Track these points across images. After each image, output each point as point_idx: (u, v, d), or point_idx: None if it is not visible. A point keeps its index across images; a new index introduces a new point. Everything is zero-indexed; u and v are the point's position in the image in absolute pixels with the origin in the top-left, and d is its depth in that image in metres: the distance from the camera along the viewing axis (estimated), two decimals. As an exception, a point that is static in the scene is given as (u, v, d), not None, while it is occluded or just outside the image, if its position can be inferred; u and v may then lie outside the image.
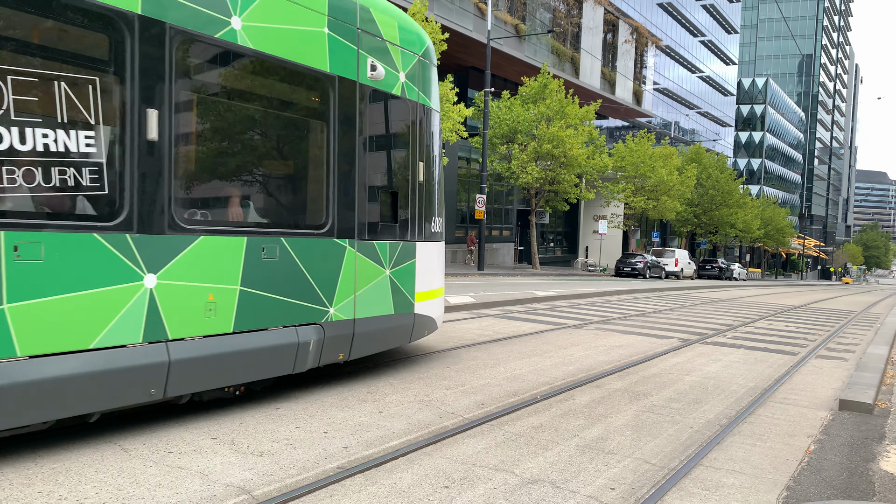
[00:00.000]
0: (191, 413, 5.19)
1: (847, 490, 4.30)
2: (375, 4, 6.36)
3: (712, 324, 13.70)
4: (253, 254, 5.14)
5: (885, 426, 5.96)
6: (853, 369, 8.58)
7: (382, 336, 6.64)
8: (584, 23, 43.51)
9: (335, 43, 5.82)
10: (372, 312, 6.35)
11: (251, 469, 4.10)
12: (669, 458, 4.73)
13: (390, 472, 4.16)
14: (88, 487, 3.72)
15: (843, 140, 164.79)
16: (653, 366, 8.34)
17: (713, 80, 77.91)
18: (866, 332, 13.85)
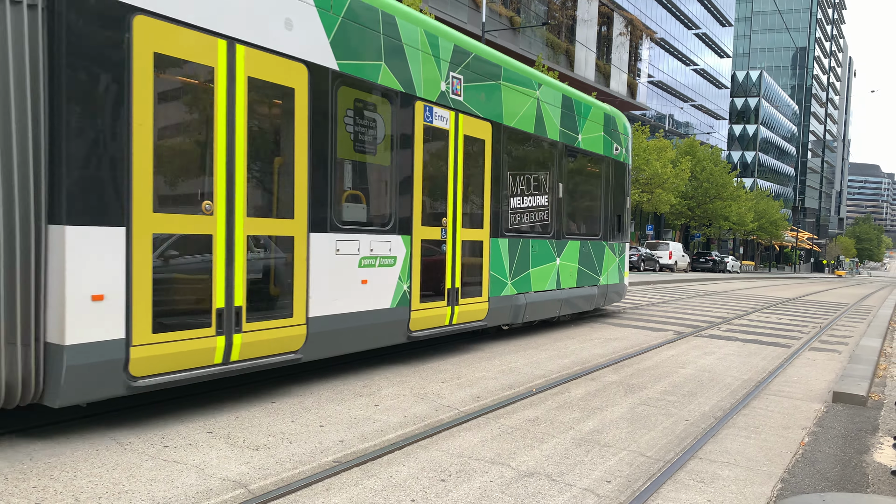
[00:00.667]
0: (186, 407, 5.18)
1: (841, 482, 4.33)
2: (617, 115, 12.17)
3: (706, 316, 13.73)
4: (582, 249, 10.84)
5: (878, 418, 5.99)
6: (846, 361, 8.62)
7: (615, 294, 12.26)
8: (578, 15, 43.41)
9: (606, 139, 11.62)
10: (611, 281, 11.95)
11: (247, 463, 4.09)
12: (665, 451, 4.74)
13: (386, 466, 4.16)
14: (84, 482, 3.71)
15: (837, 133, 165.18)
16: (648, 358, 8.36)
17: (707, 73, 77.91)
18: (859, 325, 13.91)
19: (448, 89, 7.57)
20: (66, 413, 4.81)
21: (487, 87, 8.28)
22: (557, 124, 9.93)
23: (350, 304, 6.25)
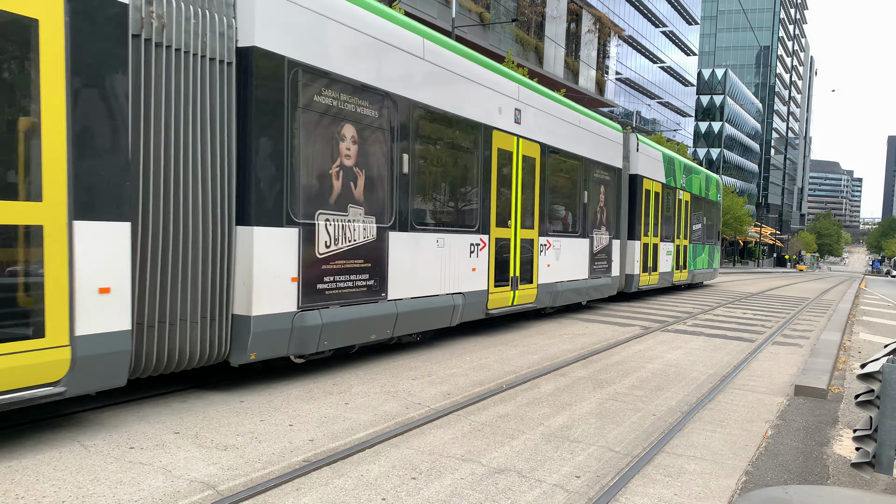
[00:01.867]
0: (153, 407, 5.10)
1: (803, 474, 4.43)
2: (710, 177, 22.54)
3: (673, 311, 13.94)
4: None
5: (838, 411, 6.15)
6: (808, 355, 8.82)
7: (704, 278, 21.87)
8: (548, 12, 43.64)
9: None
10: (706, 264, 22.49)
11: (215, 463, 4.05)
12: (633, 446, 4.81)
13: (357, 465, 4.15)
14: (46, 486, 3.63)
15: (799, 131, 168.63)
16: (616, 353, 8.46)
17: (674, 71, 78.96)
18: (820, 319, 14.25)
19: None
20: (33, 413, 4.71)
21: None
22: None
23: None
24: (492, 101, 9.33)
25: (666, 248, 17.58)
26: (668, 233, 17.80)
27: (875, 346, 10.33)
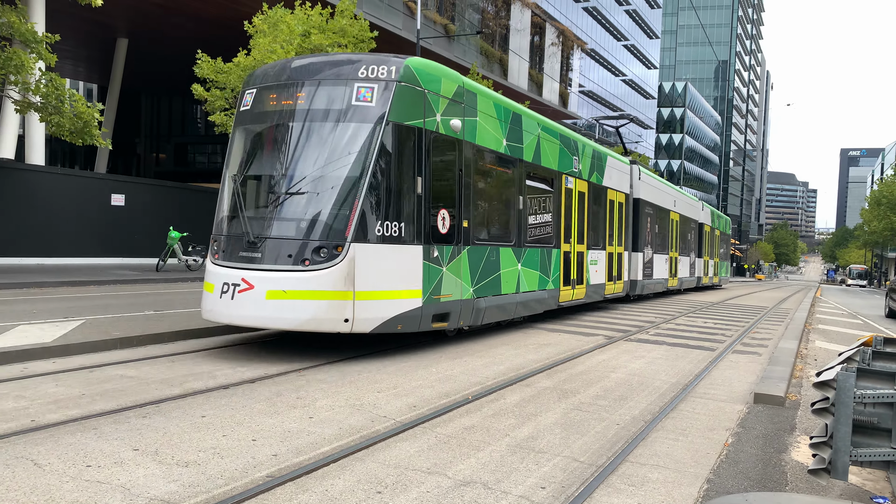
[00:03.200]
0: (111, 424, 4.98)
1: (762, 480, 4.52)
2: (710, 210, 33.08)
3: (636, 320, 14.12)
4: None
5: (795, 418, 6.29)
6: (766, 363, 9.01)
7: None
8: (512, 24, 44.10)
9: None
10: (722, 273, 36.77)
11: (176, 481, 3.96)
12: (597, 456, 4.85)
13: (321, 479, 4.10)
14: (-2, 507, 3.51)
15: (756, 143, 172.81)
16: (580, 363, 8.54)
17: (635, 84, 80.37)
18: (777, 327, 14.58)
19: None
20: None
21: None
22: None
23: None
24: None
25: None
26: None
27: (830, 354, 10.61)
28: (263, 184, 8.42)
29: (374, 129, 8.02)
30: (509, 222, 11.31)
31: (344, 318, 7.75)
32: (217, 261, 8.21)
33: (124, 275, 16.47)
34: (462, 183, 9.46)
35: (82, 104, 15.75)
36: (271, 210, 8.09)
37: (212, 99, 20.46)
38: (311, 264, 7.65)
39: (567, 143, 13.80)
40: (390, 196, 8.23)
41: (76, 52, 34.94)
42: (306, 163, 8.11)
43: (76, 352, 7.49)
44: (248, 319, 7.76)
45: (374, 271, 8.01)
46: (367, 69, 8.29)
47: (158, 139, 44.82)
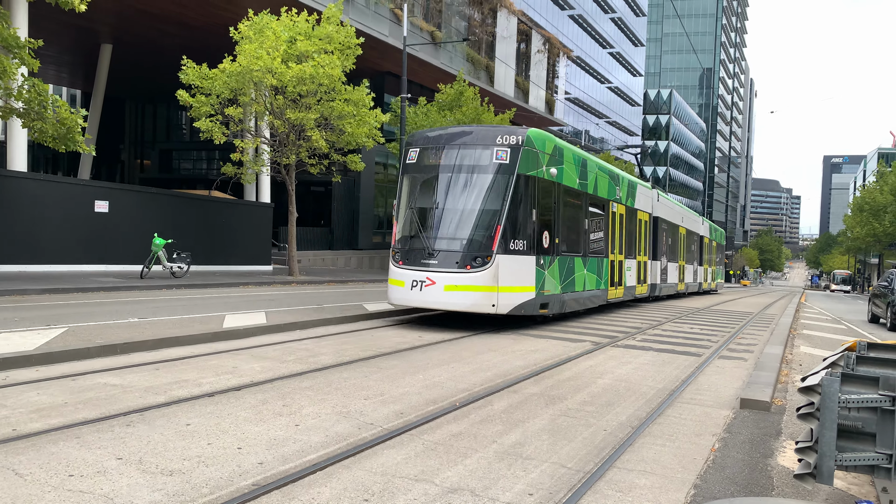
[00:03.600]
0: (94, 432, 4.92)
1: (749, 486, 4.53)
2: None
3: (623, 326, 14.17)
4: None
5: (781, 423, 6.33)
6: (752, 369, 9.06)
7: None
8: (498, 32, 44.26)
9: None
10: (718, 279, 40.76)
11: (160, 490, 3.92)
12: (585, 462, 4.84)
13: (308, 488, 4.07)
14: (-22, 518, 3.45)
15: (741, 150, 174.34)
16: (567, 369, 8.54)
17: (621, 91, 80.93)
18: (763, 333, 14.67)
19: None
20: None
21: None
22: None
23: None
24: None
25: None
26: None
27: (815, 359, 10.68)
28: (433, 214, 12.25)
29: (508, 179, 12.06)
30: (579, 239, 15.28)
31: (492, 304, 11.66)
32: (402, 266, 12.13)
33: (108, 282, 16.31)
34: (555, 211, 13.59)
35: (65, 110, 15.61)
36: (441, 232, 12.02)
37: (197, 105, 20.35)
38: (471, 269, 11.63)
39: (613, 177, 18.01)
40: (517, 223, 12.14)
41: (59, 57, 34.67)
42: (463, 200, 12.16)
43: (59, 360, 7.40)
44: (432, 304, 11.83)
45: (509, 273, 11.87)
46: (501, 137, 12.25)
47: (143, 145, 44.52)
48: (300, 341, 9.75)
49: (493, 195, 12.13)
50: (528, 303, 12.44)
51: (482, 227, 11.97)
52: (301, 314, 12.14)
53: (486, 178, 12.22)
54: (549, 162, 13.10)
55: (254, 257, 25.40)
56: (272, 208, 26.81)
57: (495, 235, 11.84)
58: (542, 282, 12.95)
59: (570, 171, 14.43)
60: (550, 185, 13.32)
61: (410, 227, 12.44)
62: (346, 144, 21.81)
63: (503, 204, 12.00)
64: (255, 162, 22.95)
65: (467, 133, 12.79)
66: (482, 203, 12.14)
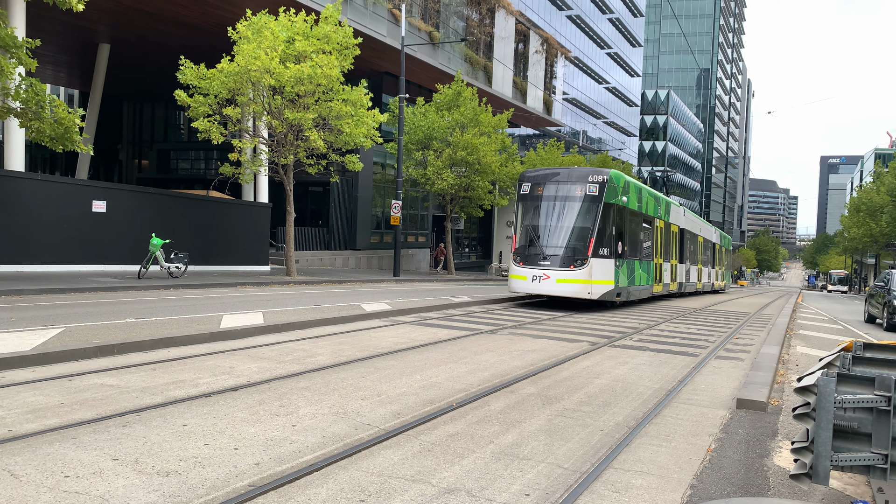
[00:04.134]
0: (91, 433, 4.91)
1: (745, 486, 4.54)
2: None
3: (620, 327, 14.18)
4: None
5: (777, 423, 6.34)
6: (749, 369, 9.07)
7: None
8: (496, 32, 44.26)
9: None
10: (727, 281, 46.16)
11: (156, 490, 3.91)
12: (581, 462, 4.85)
13: (304, 488, 4.07)
14: (-27, 519, 3.45)
15: (738, 150, 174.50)
16: (564, 369, 8.55)
17: (619, 91, 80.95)
18: (760, 333, 14.69)
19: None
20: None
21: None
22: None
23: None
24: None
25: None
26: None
27: (812, 359, 10.70)
28: (544, 229, 17.96)
29: (597, 205, 17.63)
30: (637, 247, 20.62)
31: (588, 292, 17.19)
32: (522, 266, 17.86)
33: (105, 282, 16.29)
34: (624, 227, 19.13)
35: (63, 110, 15.58)
36: (551, 242, 17.74)
37: (195, 105, 20.33)
38: (574, 268, 17.22)
39: (656, 199, 23.41)
40: (603, 236, 17.65)
41: (57, 57, 34.62)
42: (566, 220, 17.79)
43: (55, 360, 7.39)
44: (547, 292, 17.49)
45: (599, 271, 17.41)
46: (592, 176, 17.85)
47: (141, 145, 44.46)
48: (297, 341, 9.75)
49: (587, 217, 17.74)
50: (609, 292, 18.09)
51: (580, 238, 17.63)
52: (298, 314, 12.14)
53: (581, 205, 17.85)
54: (621, 192, 18.67)
55: (251, 257, 25.38)
56: (270, 208, 26.78)
57: (589, 245, 17.42)
58: (618, 277, 18.54)
59: (633, 198, 19.92)
60: (622, 209, 18.91)
61: (527, 239, 18.28)
62: (344, 144, 21.80)
63: (594, 223, 17.60)
64: (253, 162, 22.92)
65: (566, 172, 18.53)
66: (579, 222, 17.75)
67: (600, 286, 17.59)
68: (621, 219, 18.84)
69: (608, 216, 17.91)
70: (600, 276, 17.54)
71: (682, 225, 28.13)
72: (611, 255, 18.02)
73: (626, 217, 19.30)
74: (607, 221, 17.87)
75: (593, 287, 17.33)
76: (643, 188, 21.63)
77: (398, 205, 29.24)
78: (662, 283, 24.11)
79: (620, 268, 18.74)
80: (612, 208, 18.09)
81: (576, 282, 17.22)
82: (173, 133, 43.50)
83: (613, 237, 18.17)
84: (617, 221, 18.45)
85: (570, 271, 17.23)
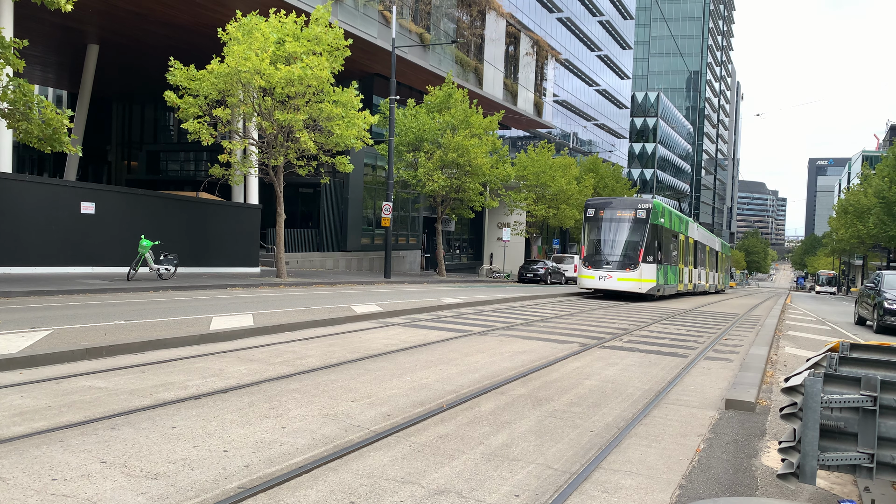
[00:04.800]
0: (79, 436, 4.88)
1: (733, 486, 4.57)
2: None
3: (609, 328, 14.23)
4: None
5: (765, 423, 6.38)
6: (737, 370, 9.13)
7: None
8: (487, 34, 44.33)
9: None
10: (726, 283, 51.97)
11: (145, 493, 3.90)
12: (571, 463, 4.86)
13: (294, 490, 4.06)
14: (-41, 523, 3.42)
15: (727, 152, 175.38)
16: (554, 371, 8.57)
17: (609, 94, 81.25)
18: (748, 334, 14.78)
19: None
20: None
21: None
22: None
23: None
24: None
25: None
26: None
27: (799, 360, 10.77)
28: (606, 241, 25.07)
29: (644, 225, 24.61)
30: (669, 255, 27.29)
31: (639, 288, 24.32)
32: (590, 269, 24.94)
33: (94, 284, 16.19)
34: (661, 241, 25.45)
35: (51, 110, 15.49)
36: (612, 251, 24.80)
37: (185, 106, 20.26)
38: (629, 270, 24.38)
39: (681, 218, 30.39)
40: (649, 247, 24.53)
41: (45, 57, 34.40)
42: (621, 235, 24.93)
43: (43, 363, 7.34)
44: (610, 287, 24.63)
45: (646, 273, 24.41)
46: (640, 204, 25.00)
47: (130, 147, 44.23)
48: (287, 343, 9.73)
49: (637, 233, 24.83)
50: (653, 288, 25.10)
51: (633, 249, 24.76)
52: (288, 316, 12.11)
53: (632, 225, 24.99)
54: (660, 216, 25.84)
55: (241, 259, 25.29)
56: (260, 210, 26.71)
57: (640, 254, 24.55)
58: (658, 278, 25.37)
59: (667, 219, 27.02)
60: (661, 227, 26.00)
61: (594, 249, 25.47)
62: (335, 146, 21.78)
63: (643, 238, 24.71)
64: (243, 163, 22.86)
65: (619, 201, 26.53)
66: (632, 237, 24.87)
67: (647, 284, 24.86)
68: (660, 235, 25.90)
69: (652, 233, 25.05)
70: (647, 276, 24.80)
71: (696, 237, 34.90)
72: (653, 261, 25.01)
73: (663, 233, 26.42)
74: (651, 236, 24.97)
75: (642, 284, 24.65)
76: (673, 211, 28.72)
77: (389, 206, 29.22)
78: (683, 283, 31.15)
79: (659, 271, 25.64)
80: (654, 227, 25.24)
81: (631, 280, 24.49)
82: (163, 134, 43.31)
83: (655, 248, 25.20)
84: (657, 237, 25.57)
85: (627, 272, 24.57)
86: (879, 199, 48.52)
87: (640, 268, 24.37)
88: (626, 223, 24.94)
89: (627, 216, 25.00)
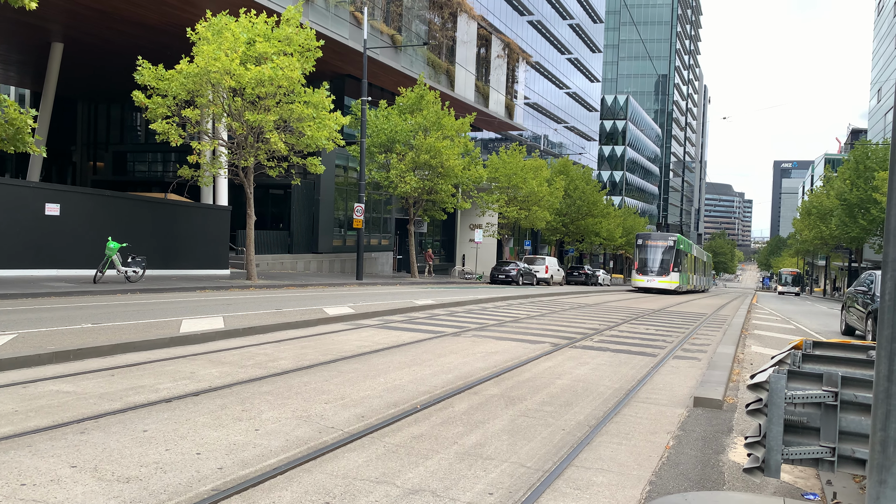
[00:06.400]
0: (48, 440, 4.81)
1: (701, 481, 4.67)
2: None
3: (580, 328, 14.38)
4: None
5: (732, 420, 6.52)
6: (705, 368, 9.30)
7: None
8: (458, 36, 44.46)
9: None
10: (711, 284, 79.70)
11: (116, 497, 3.86)
12: (544, 461, 4.93)
13: (268, 492, 4.06)
14: (-75, 530, 3.36)
15: (695, 155, 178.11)
16: (527, 370, 8.65)
17: (579, 96, 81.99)
18: (716, 333, 15.05)
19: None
20: None
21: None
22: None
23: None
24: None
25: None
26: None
27: (765, 358, 11.01)
28: (651, 259, 42.25)
29: (674, 249, 42.07)
30: (683, 266, 43.94)
31: (672, 287, 41.35)
32: (640, 275, 42.28)
33: (60, 287, 15.90)
34: (681, 258, 43.19)
35: (14, 110, 15.19)
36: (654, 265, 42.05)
37: (153, 107, 20.00)
38: (665, 276, 41.68)
39: (690, 244, 46.58)
40: (675, 263, 42.05)
41: (7, 55, 33.67)
42: (660, 255, 42.16)
43: (8, 367, 7.20)
44: (653, 285, 41.49)
45: (674, 277, 41.67)
46: (670, 237, 42.76)
47: (96, 147, 43.46)
48: (259, 346, 9.67)
49: (668, 254, 41.57)
50: (678, 287, 41.30)
51: (667, 263, 41.47)
52: (260, 318, 12.03)
53: (665, 249, 41.76)
54: (680, 243, 42.35)
55: (211, 261, 25.01)
56: (230, 211, 26.44)
57: (671, 266, 41.31)
58: (680, 281, 41.98)
59: (684, 246, 43.40)
60: (681, 250, 42.27)
61: (643, 263, 41.99)
62: (306, 147, 21.68)
63: (673, 256, 41.45)
64: (213, 164, 22.63)
65: (658, 234, 43.63)
66: (666, 256, 41.54)
67: (674, 284, 41.12)
68: (680, 255, 42.09)
69: (676, 254, 41.59)
70: (674, 279, 41.11)
71: (695, 254, 50.90)
72: (677, 271, 41.45)
73: (681, 254, 42.42)
74: (676, 256, 41.54)
75: (672, 284, 40.88)
76: (685, 239, 44.51)
77: (361, 208, 29.15)
78: (691, 284, 47.56)
79: (681, 276, 42.22)
80: (678, 251, 41.78)
81: (666, 282, 40.88)
82: (130, 135, 42.64)
83: (678, 263, 41.63)
84: (679, 256, 41.88)
85: (663, 277, 41.09)
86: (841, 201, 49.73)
87: (671, 275, 41.09)
88: (661, 248, 41.70)
89: (662, 244, 41.84)
